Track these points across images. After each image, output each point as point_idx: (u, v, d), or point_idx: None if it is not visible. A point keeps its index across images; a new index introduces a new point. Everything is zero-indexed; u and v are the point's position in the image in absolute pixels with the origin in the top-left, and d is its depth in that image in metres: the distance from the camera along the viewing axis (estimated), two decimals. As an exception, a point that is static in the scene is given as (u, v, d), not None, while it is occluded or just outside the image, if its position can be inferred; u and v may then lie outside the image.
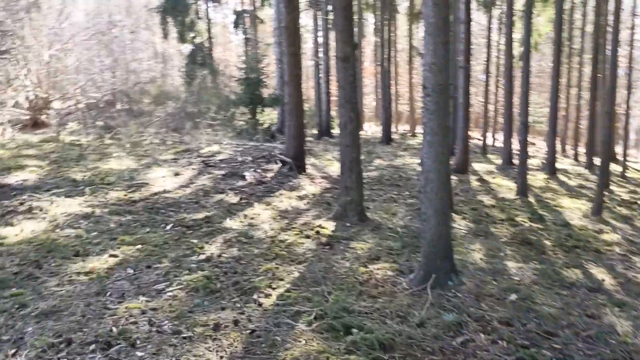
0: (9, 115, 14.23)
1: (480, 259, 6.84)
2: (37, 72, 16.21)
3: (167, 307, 4.46)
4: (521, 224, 9.10)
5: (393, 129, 29.37)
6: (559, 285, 6.08)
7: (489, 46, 21.19)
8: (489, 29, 20.97)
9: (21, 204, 7.25)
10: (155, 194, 8.44)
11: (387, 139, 22.16)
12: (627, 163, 19.55)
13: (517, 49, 17.75)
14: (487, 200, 11.01)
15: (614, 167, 17.04)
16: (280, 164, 11.04)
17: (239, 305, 4.61)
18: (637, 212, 11.03)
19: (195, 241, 6.36)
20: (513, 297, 5.41)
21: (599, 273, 6.80)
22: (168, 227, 6.82)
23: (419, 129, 35.57)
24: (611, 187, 14.31)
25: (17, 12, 15.80)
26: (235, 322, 4.24)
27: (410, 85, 32.47)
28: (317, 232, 7.08)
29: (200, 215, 7.48)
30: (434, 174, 5.24)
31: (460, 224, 8.53)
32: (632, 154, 28.64)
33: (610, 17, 16.41)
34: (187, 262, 5.62)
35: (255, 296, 4.85)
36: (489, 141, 25.28)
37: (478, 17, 24.68)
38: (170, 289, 4.89)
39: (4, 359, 3.31)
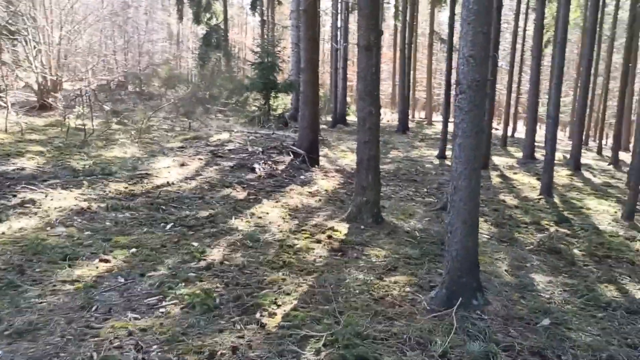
0: (14, 97, 13.80)
1: (506, 270, 6.26)
2: (47, 54, 15.74)
3: (158, 327, 3.96)
4: (547, 229, 8.47)
5: (409, 116, 28.66)
6: (593, 306, 5.47)
7: (515, 33, 20.26)
8: (517, 14, 20.01)
9: (14, 196, 6.80)
10: (158, 187, 7.96)
11: (403, 128, 21.53)
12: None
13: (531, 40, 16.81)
14: (509, 199, 10.39)
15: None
16: (292, 156, 10.50)
17: (239, 326, 4.10)
18: (672, 216, 10.29)
19: (195, 244, 5.86)
20: (546, 322, 4.83)
21: (636, 290, 6.17)
22: (168, 227, 6.33)
23: (435, 117, 34.72)
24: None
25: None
26: (234, 350, 3.73)
27: (429, 72, 31.59)
28: (329, 237, 6.54)
29: (204, 213, 6.98)
30: (464, 182, 4.65)
31: (482, 228, 7.92)
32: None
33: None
34: (185, 270, 5.12)
35: (258, 315, 4.34)
36: (507, 132, 24.39)
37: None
38: (164, 303, 4.40)
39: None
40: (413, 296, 5.04)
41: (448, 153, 15.01)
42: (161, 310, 4.29)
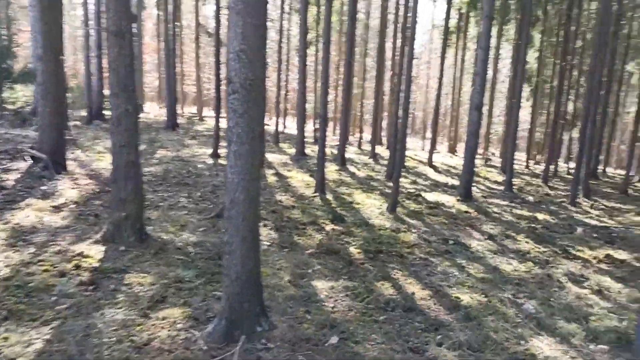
0: None
1: (289, 281, 5.82)
2: None
3: None
4: (324, 228, 8.43)
5: (179, 111, 27.26)
6: (374, 308, 5.38)
7: (281, 31, 20.67)
8: (282, 12, 20.42)
9: None
10: None
11: (172, 124, 20.13)
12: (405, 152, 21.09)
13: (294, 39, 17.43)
14: (286, 199, 10.19)
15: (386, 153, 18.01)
16: (31, 161, 8.46)
17: None
18: (424, 205, 11.44)
19: None
20: (334, 340, 4.47)
21: (408, 284, 6.36)
22: None
23: (207, 112, 33.94)
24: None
25: None
26: None
27: (197, 65, 30.52)
28: (78, 266, 5.17)
29: None
30: (241, 194, 3.94)
31: (262, 234, 7.39)
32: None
33: (401, 12, 17.00)
34: None
35: (-47, 409, 2.93)
36: (279, 128, 25.02)
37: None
38: None
39: None
40: (187, 334, 4.16)
41: (221, 151, 14.35)
42: None
